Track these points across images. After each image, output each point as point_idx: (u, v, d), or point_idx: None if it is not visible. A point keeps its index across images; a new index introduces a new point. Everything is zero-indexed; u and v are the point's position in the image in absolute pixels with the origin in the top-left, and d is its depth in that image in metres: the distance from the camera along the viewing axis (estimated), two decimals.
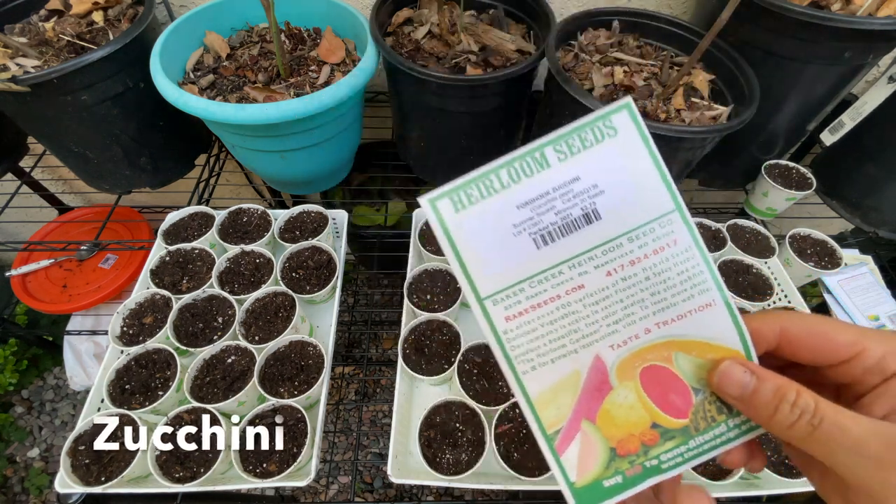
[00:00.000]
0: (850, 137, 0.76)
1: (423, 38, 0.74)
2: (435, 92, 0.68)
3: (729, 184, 0.88)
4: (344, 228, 0.76)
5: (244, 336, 0.59)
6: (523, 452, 0.53)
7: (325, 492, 1.17)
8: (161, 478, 0.49)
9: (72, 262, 1.04)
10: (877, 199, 0.77)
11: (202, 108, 0.61)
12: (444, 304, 0.64)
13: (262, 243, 0.69)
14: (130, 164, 0.79)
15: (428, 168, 0.87)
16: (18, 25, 0.71)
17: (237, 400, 0.53)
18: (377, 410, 1.38)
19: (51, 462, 1.27)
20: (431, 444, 0.53)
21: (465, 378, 0.57)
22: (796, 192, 0.78)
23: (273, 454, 0.52)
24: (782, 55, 0.64)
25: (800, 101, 0.69)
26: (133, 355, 0.57)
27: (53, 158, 0.83)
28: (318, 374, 0.57)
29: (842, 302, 0.75)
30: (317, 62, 0.75)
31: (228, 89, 0.71)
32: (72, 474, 0.50)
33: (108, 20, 0.74)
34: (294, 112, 0.61)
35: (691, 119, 0.63)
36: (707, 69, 0.70)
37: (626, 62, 0.70)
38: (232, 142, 0.72)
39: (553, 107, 0.68)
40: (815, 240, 0.78)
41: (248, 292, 0.62)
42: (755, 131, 0.75)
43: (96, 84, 0.67)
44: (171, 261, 0.66)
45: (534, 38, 0.76)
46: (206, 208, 0.72)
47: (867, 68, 0.65)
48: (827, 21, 0.56)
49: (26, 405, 1.36)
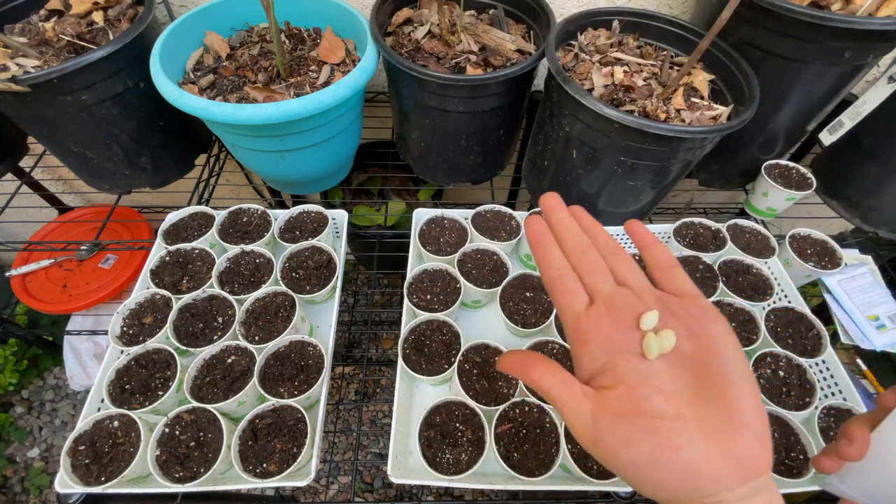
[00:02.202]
0: (850, 137, 0.76)
1: (423, 38, 0.74)
2: (435, 92, 0.68)
3: (729, 184, 0.88)
4: (344, 228, 0.76)
5: (244, 336, 0.59)
6: (523, 452, 0.53)
7: (325, 492, 1.17)
8: (161, 478, 0.49)
9: (72, 262, 1.04)
10: (877, 199, 0.77)
11: (202, 108, 0.61)
12: (444, 304, 0.64)
13: (262, 243, 0.69)
14: (130, 164, 0.79)
15: (428, 168, 0.87)
16: (18, 25, 0.71)
17: (237, 400, 0.53)
18: (377, 410, 1.38)
19: (51, 462, 1.27)
20: (431, 444, 0.53)
21: (465, 378, 0.57)
22: (796, 192, 0.78)
23: (273, 454, 0.52)
24: (782, 55, 0.64)
25: (800, 101, 0.69)
26: (133, 355, 0.57)
27: (53, 158, 0.83)
28: (318, 374, 0.57)
29: (842, 302, 0.75)
30: (317, 62, 0.75)
31: (228, 89, 0.71)
32: (72, 474, 0.50)
33: (108, 20, 0.74)
34: (294, 112, 0.61)
35: (691, 119, 0.63)
36: (707, 69, 0.70)
37: (626, 62, 0.70)
38: (232, 142, 0.72)
39: (553, 107, 0.68)
40: (815, 240, 0.78)
41: (248, 292, 0.62)
42: (755, 131, 0.75)
43: (96, 84, 0.67)
44: (171, 261, 0.66)
45: (534, 38, 0.76)
46: (206, 208, 0.72)
47: (867, 68, 0.65)
48: (827, 21, 0.56)
49: (26, 405, 1.36)
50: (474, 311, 0.71)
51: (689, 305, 0.28)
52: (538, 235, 0.31)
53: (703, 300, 0.28)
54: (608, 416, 0.25)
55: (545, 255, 0.30)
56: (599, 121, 0.60)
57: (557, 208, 0.32)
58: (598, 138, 0.63)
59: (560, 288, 0.29)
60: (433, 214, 0.73)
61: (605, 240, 0.31)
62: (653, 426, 0.24)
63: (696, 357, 0.26)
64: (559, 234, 0.31)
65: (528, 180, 0.86)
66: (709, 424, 0.24)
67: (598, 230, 0.31)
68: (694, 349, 0.26)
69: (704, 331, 0.26)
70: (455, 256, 0.67)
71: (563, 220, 0.31)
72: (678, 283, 0.29)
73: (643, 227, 0.32)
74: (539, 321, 0.62)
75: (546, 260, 0.30)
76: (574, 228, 0.31)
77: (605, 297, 0.28)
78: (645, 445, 0.24)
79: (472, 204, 0.74)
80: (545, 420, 0.55)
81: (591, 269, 0.29)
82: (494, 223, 0.72)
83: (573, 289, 0.29)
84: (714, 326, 0.26)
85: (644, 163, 0.63)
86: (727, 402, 0.24)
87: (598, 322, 0.28)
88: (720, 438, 0.23)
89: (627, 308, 0.28)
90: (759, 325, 0.63)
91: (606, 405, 0.25)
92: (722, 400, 0.24)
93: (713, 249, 0.73)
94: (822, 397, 0.61)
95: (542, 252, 0.31)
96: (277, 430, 0.53)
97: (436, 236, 0.71)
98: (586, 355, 0.27)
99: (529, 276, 0.66)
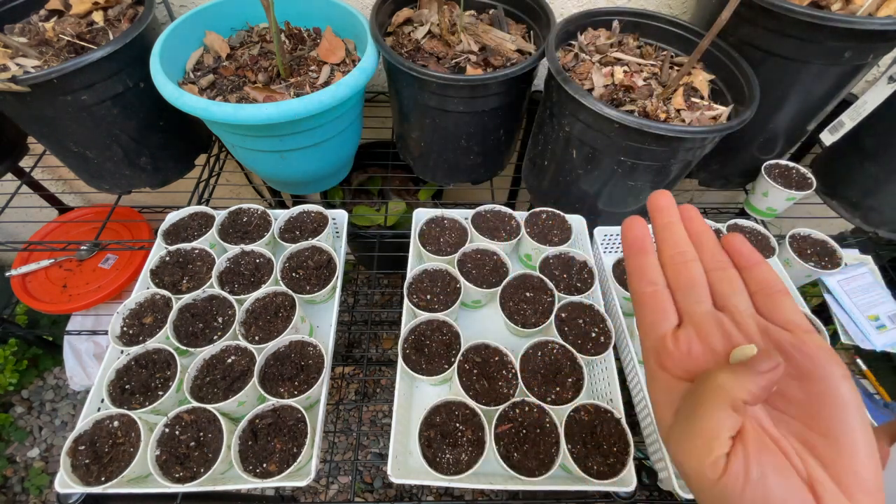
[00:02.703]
0: (850, 137, 0.76)
1: (423, 38, 0.74)
2: (435, 92, 0.68)
3: (729, 184, 0.88)
4: (344, 228, 0.76)
5: (244, 336, 0.59)
6: (523, 452, 0.53)
7: (325, 492, 1.17)
8: (161, 478, 0.49)
9: (72, 262, 1.04)
10: (877, 199, 0.77)
11: (202, 108, 0.61)
12: (444, 304, 0.64)
13: (262, 243, 0.69)
14: (130, 164, 0.79)
15: (428, 168, 0.87)
16: (18, 25, 0.71)
17: (237, 400, 0.53)
18: (377, 410, 1.38)
19: (51, 462, 1.27)
20: (431, 444, 0.53)
21: (465, 378, 0.57)
22: (796, 192, 0.78)
23: (273, 454, 0.52)
24: (782, 55, 0.64)
25: (800, 101, 0.69)
26: (133, 355, 0.57)
27: (53, 158, 0.83)
28: (318, 374, 0.57)
29: (842, 302, 0.75)
30: (317, 62, 0.75)
31: (228, 89, 0.71)
32: (72, 474, 0.50)
33: (108, 20, 0.74)
34: (294, 112, 0.61)
35: (691, 119, 0.63)
36: (707, 69, 0.70)
37: (626, 62, 0.70)
38: (232, 142, 0.72)
39: (553, 107, 0.68)
40: (815, 240, 0.78)
41: (248, 292, 0.62)
42: (755, 131, 0.75)
43: (96, 84, 0.67)
44: (171, 261, 0.66)
45: (534, 38, 0.76)
46: (206, 208, 0.72)
47: (867, 68, 0.65)
48: (827, 21, 0.56)
49: (26, 405, 1.36)
50: (474, 311, 0.71)
51: (799, 342, 0.23)
52: (638, 242, 0.27)
53: (818, 337, 0.23)
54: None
55: (641, 265, 0.27)
56: (599, 121, 0.60)
57: (668, 209, 0.27)
58: (598, 138, 0.63)
59: (651, 305, 0.26)
60: (433, 214, 0.73)
61: (711, 250, 0.27)
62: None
63: (807, 404, 0.22)
64: (662, 240, 0.27)
65: (528, 180, 0.86)
66: (821, 485, 0.20)
67: (706, 238, 0.27)
68: (804, 394, 0.22)
69: (818, 374, 0.22)
70: (455, 256, 0.67)
71: (671, 224, 0.27)
72: (787, 314, 0.24)
73: (745, 241, 0.27)
74: (539, 321, 0.62)
75: (641, 271, 0.27)
76: (680, 236, 0.27)
77: (698, 320, 0.25)
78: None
79: (472, 204, 0.74)
80: (545, 420, 0.55)
81: (688, 285, 0.26)
82: (494, 223, 0.72)
83: (665, 307, 0.26)
84: (832, 370, 0.22)
85: (644, 163, 0.63)
86: (843, 461, 0.20)
87: (686, 347, 0.24)
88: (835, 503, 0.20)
89: (721, 336, 0.24)
90: None
91: None
92: (837, 458, 0.21)
93: None
94: None
95: (638, 262, 0.27)
96: (277, 430, 0.53)
97: (436, 236, 0.71)
98: (664, 381, 0.25)
99: (529, 276, 0.66)
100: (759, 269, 0.26)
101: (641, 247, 0.27)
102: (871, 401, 0.87)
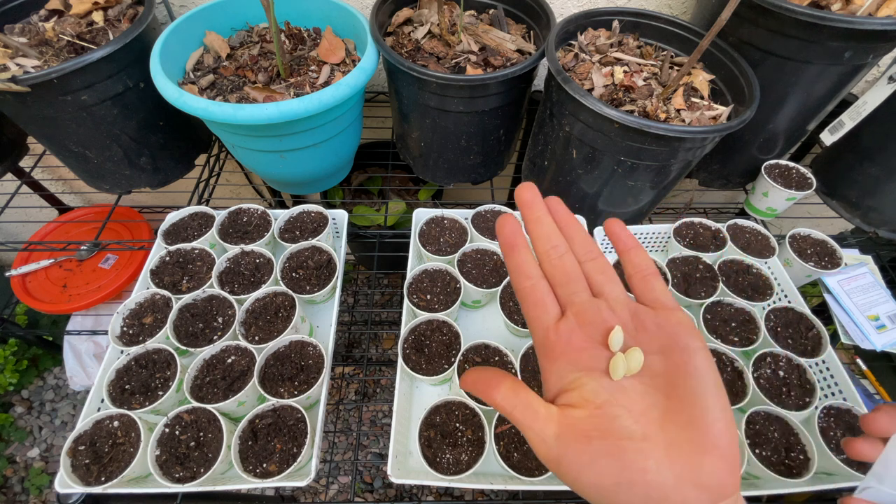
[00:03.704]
0: (850, 137, 0.76)
1: (423, 38, 0.74)
2: (435, 92, 0.68)
3: (729, 184, 0.88)
4: (344, 228, 0.76)
5: (244, 336, 0.59)
6: (523, 452, 0.53)
7: (325, 492, 1.17)
8: (161, 478, 0.49)
9: (72, 262, 1.04)
10: (877, 199, 0.77)
11: (202, 108, 0.61)
12: (444, 304, 0.64)
13: (262, 243, 0.69)
14: (130, 164, 0.80)
15: (428, 168, 0.87)
16: (18, 25, 0.71)
17: (237, 400, 0.53)
18: (377, 410, 1.38)
19: (51, 462, 1.27)
20: (431, 444, 0.53)
21: None
22: (796, 192, 0.78)
23: (273, 454, 0.52)
24: (782, 55, 0.64)
25: (800, 101, 0.69)
26: (133, 355, 0.57)
27: (53, 158, 0.83)
28: (318, 374, 0.57)
29: (842, 302, 0.75)
30: (317, 62, 0.75)
31: (228, 89, 0.71)
32: (72, 474, 0.50)
33: (108, 20, 0.74)
34: (294, 112, 0.61)
35: (691, 119, 0.63)
36: (707, 69, 0.70)
37: (626, 62, 0.70)
38: (232, 142, 0.72)
39: (553, 107, 0.68)
40: (815, 240, 0.78)
41: (248, 292, 0.62)
42: (755, 131, 0.75)
43: (96, 84, 0.67)
44: (171, 261, 0.66)
45: (534, 38, 0.76)
46: (206, 208, 0.72)
47: (867, 68, 0.65)
48: (827, 21, 0.56)
49: (26, 405, 1.36)
50: (474, 311, 0.71)
51: (663, 319, 0.26)
52: (511, 239, 0.28)
53: (679, 313, 0.26)
54: (572, 436, 0.24)
55: (518, 262, 0.28)
56: (599, 121, 0.60)
57: (535, 204, 0.29)
58: (598, 138, 0.63)
59: (532, 299, 0.27)
60: (433, 214, 0.73)
61: (582, 242, 0.29)
62: (619, 448, 0.23)
63: (667, 375, 0.24)
64: (535, 236, 0.28)
65: (528, 180, 0.86)
66: (677, 446, 0.23)
67: (576, 230, 0.29)
68: (665, 366, 0.25)
69: (677, 347, 0.25)
70: (455, 256, 0.67)
71: (540, 218, 0.28)
72: (656, 293, 0.27)
73: (623, 227, 0.29)
74: None
75: (519, 268, 0.28)
76: (551, 229, 0.28)
77: (577, 310, 0.26)
78: (610, 468, 0.23)
79: (472, 204, 0.74)
80: None
81: (565, 279, 0.27)
82: (494, 223, 0.72)
83: (545, 300, 0.27)
84: (688, 342, 0.25)
85: (644, 163, 0.63)
86: (697, 423, 0.23)
87: (567, 337, 0.26)
88: (688, 462, 0.22)
89: (599, 322, 0.26)
90: (759, 325, 0.63)
91: (571, 425, 0.24)
92: (691, 421, 0.23)
93: (713, 249, 0.73)
94: (822, 397, 0.60)
95: (515, 259, 0.28)
96: (277, 430, 0.53)
97: (436, 236, 0.71)
98: (553, 372, 0.26)
99: None
100: (634, 252, 0.28)
101: (515, 243, 0.28)
102: (872, 401, 0.86)
